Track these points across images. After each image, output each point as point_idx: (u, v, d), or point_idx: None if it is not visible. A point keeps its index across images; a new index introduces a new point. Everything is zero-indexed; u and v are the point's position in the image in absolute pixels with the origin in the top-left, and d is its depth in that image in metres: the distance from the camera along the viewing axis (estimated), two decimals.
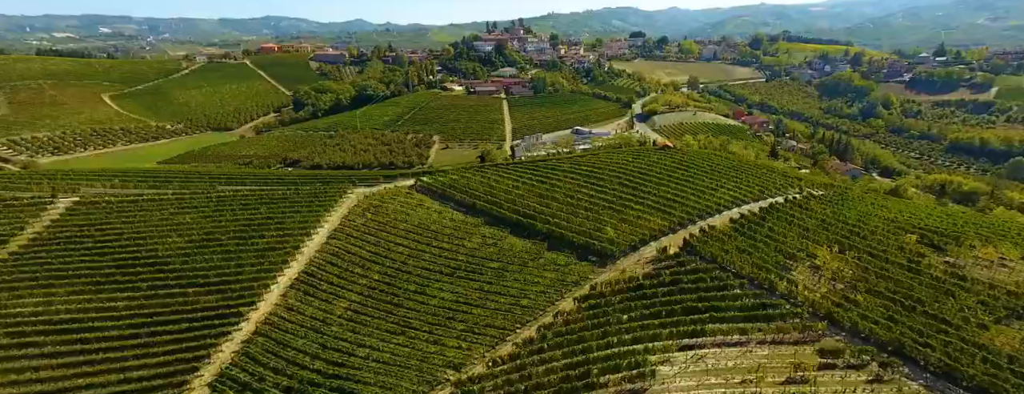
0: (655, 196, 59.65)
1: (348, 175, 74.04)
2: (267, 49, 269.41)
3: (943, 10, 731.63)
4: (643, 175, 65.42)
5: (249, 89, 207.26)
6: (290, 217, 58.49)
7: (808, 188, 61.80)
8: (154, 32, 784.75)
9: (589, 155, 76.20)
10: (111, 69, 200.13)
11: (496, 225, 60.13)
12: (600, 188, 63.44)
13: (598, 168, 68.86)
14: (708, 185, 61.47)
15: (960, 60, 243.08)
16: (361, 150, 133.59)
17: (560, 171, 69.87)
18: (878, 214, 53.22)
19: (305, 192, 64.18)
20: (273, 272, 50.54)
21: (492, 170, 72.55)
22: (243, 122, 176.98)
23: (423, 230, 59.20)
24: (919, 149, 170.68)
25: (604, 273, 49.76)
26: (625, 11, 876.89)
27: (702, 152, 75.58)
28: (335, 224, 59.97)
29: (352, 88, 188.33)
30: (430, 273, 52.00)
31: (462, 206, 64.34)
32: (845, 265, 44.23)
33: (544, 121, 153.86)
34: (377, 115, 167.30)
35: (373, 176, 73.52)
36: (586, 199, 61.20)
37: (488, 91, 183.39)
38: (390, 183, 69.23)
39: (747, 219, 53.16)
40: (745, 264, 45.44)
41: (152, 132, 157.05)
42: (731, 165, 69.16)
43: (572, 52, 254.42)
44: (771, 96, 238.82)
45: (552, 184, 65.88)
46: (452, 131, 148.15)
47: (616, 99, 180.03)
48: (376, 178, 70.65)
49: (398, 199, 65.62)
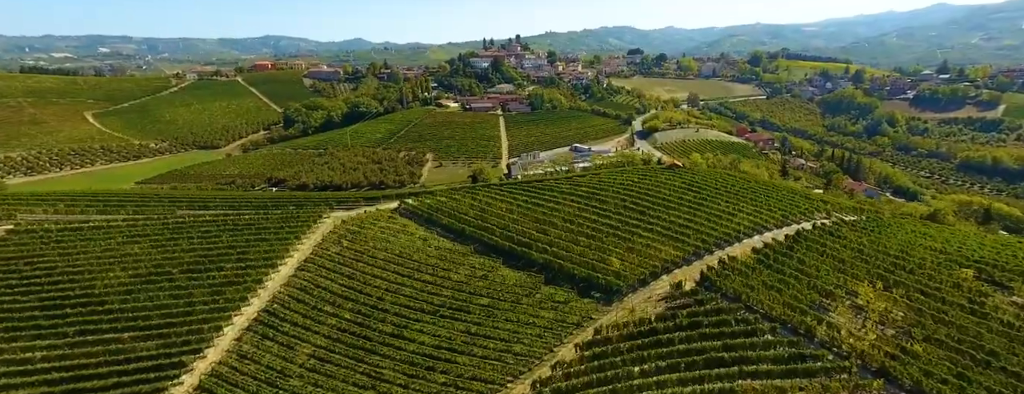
0: (665, 221, 53.19)
1: (325, 197, 67.53)
2: (260, 66, 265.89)
3: (936, 30, 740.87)
4: (650, 197, 59.11)
5: (239, 107, 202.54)
6: (255, 246, 51.85)
7: (836, 212, 55.58)
8: (153, 52, 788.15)
9: (590, 175, 70.11)
10: (96, 87, 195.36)
11: (487, 254, 53.65)
12: (603, 212, 57.10)
13: (600, 189, 62.63)
14: (724, 209, 55.13)
15: (964, 78, 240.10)
16: (350, 168, 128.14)
17: (559, 192, 63.66)
18: (922, 243, 46.89)
19: (275, 217, 57.68)
20: (228, 311, 43.72)
21: (484, 191, 66.27)
22: (231, 140, 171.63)
23: (404, 260, 52.58)
24: (928, 168, 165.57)
25: (610, 312, 43.06)
26: (621, 30, 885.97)
27: (713, 172, 69.44)
28: (306, 253, 53.33)
29: (344, 105, 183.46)
30: (410, 311, 45.23)
31: (450, 232, 57.90)
32: (893, 305, 37.65)
33: (542, 138, 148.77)
34: (369, 132, 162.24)
35: (359, 197, 67.19)
36: (588, 224, 54.80)
37: (484, 107, 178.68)
38: (371, 206, 62.79)
39: (772, 249, 46.69)
40: (775, 303, 38.84)
41: (134, 151, 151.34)
42: (746, 186, 63.00)
43: (570, 69, 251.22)
44: (773, 113, 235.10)
45: (550, 207, 59.59)
46: (446, 149, 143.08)
47: (615, 116, 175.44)
48: (356, 200, 64.27)
49: (379, 224, 59.14)
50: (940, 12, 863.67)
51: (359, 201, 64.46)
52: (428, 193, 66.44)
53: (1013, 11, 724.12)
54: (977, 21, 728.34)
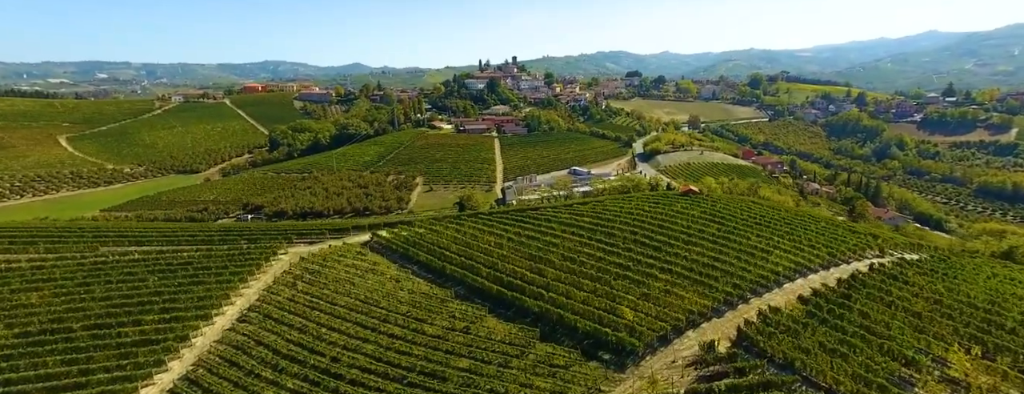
0: (686, 260, 44.10)
1: (286, 229, 58.31)
2: (250, 89, 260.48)
3: (929, 56, 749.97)
4: (666, 230, 50.15)
5: (225, 129, 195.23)
6: (187, 291, 42.53)
7: (890, 249, 46.71)
8: (152, 77, 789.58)
9: (593, 201, 61.39)
10: (74, 110, 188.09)
11: (471, 299, 44.43)
12: (610, 247, 48.07)
13: (606, 220, 53.76)
14: (755, 244, 46.19)
15: (970, 101, 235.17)
16: (334, 193, 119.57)
17: (557, 223, 54.78)
18: (1014, 292, 37.89)
19: (220, 254, 48.50)
20: (135, 381, 34.09)
21: (471, 222, 57.35)
22: (213, 164, 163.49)
23: (370, 307, 43.22)
24: (944, 193, 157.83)
25: (623, 381, 33.58)
26: (618, 55, 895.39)
27: (734, 199, 60.72)
28: (252, 299, 43.98)
29: (333, 127, 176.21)
30: (371, 378, 35.65)
31: (428, 271, 48.75)
32: (1001, 380, 28.40)
33: (539, 161, 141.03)
34: (357, 155, 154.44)
35: (326, 227, 58.09)
36: (592, 263, 45.72)
37: (479, 129, 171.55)
38: (338, 239, 53.73)
39: (824, 297, 37.52)
40: (841, 375, 29.55)
41: (106, 176, 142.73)
42: (777, 216, 54.19)
43: (568, 90, 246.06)
44: (776, 136, 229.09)
45: (547, 241, 50.61)
46: (437, 172, 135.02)
47: (615, 138, 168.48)
48: (322, 233, 55.20)
49: (345, 261, 49.97)
50: (931, 39, 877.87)
51: (325, 233, 55.38)
52: (405, 223, 57.42)
53: (1004, 38, 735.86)
54: (969, 47, 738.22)
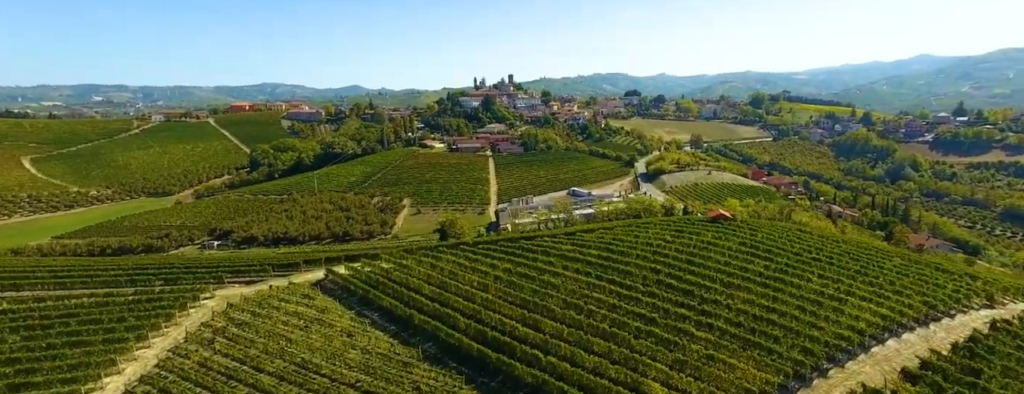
0: (730, 310, 33.11)
1: (220, 262, 47.24)
2: (237, 108, 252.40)
3: (924, 79, 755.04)
4: (697, 266, 39.21)
5: (206, 149, 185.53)
6: (54, 359, 31.28)
7: (1000, 294, 35.87)
8: (148, 100, 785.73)
9: (600, 229, 50.64)
10: (44, 130, 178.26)
11: (443, 361, 33.42)
12: (627, 290, 37.14)
13: (618, 253, 42.96)
14: (819, 288, 35.18)
15: (983, 120, 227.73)
16: (312, 217, 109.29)
17: (558, 256, 44.01)
18: None
19: (120, 301, 37.47)
20: None
21: (452, 254, 46.49)
22: (188, 186, 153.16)
23: (307, 377, 32.02)
24: (968, 216, 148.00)
25: None
26: (615, 77, 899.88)
27: (776, 226, 49.43)
28: (148, 366, 32.73)
29: (318, 146, 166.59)
30: None
31: (392, 320, 37.79)
32: None
33: (535, 181, 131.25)
34: (342, 175, 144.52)
35: (272, 261, 47.08)
36: (604, 312, 34.72)
37: (472, 148, 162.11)
38: (284, 277, 42.73)
39: (939, 371, 26.51)
40: None
41: (68, 199, 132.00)
42: (837, 249, 42.92)
43: (565, 108, 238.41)
44: (782, 156, 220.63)
45: (545, 280, 39.71)
46: (427, 193, 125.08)
47: (616, 157, 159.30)
48: (264, 269, 44.15)
49: (286, 307, 38.93)
50: (924, 62, 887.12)
51: (268, 269, 44.31)
52: (369, 256, 46.48)
53: (997, 62, 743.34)
54: (964, 70, 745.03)
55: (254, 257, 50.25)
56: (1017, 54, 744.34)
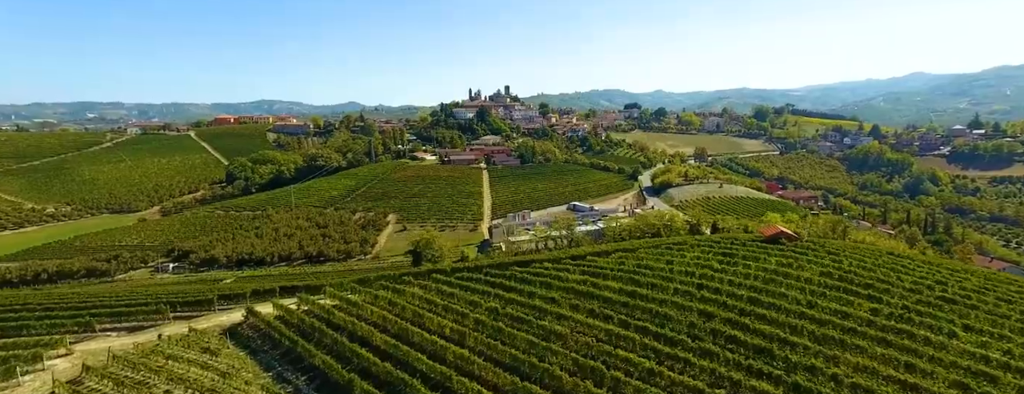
0: (839, 384, 21.21)
1: (91, 303, 35.28)
2: (221, 120, 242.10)
3: (922, 95, 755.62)
4: (766, 309, 26.86)
5: (183, 163, 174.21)
6: None
7: None
8: (144, 117, 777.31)
9: (617, 251, 39.12)
10: (5, 143, 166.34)
11: None
12: (667, 347, 25.12)
13: (646, 285, 31.39)
14: (970, 348, 22.66)
15: (1001, 133, 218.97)
16: (284, 235, 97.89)
17: (562, 289, 32.45)
18: None
19: None
20: None
21: (420, 287, 34.90)
22: (158, 201, 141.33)
23: None
24: (999, 234, 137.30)
25: None
26: (612, 93, 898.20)
27: (864, 250, 36.58)
28: None
29: (300, 158, 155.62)
30: None
31: (327, 389, 25.90)
32: None
33: (533, 195, 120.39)
34: (324, 189, 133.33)
35: (167, 300, 35.37)
36: (637, 384, 22.76)
37: (466, 160, 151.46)
38: (184, 323, 30.88)
39: None
40: None
41: (20, 217, 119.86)
42: (972, 284, 31.47)
43: (564, 120, 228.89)
44: (791, 169, 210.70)
45: (546, 326, 27.83)
46: (415, 208, 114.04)
47: (619, 170, 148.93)
48: (156, 311, 32.31)
49: (172, 370, 27.09)
50: (919, 80, 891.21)
51: (164, 311, 32.45)
52: (312, 288, 34.93)
53: (993, 79, 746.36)
54: (961, 87, 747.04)
55: (144, 294, 38.18)
56: (1011, 72, 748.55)
